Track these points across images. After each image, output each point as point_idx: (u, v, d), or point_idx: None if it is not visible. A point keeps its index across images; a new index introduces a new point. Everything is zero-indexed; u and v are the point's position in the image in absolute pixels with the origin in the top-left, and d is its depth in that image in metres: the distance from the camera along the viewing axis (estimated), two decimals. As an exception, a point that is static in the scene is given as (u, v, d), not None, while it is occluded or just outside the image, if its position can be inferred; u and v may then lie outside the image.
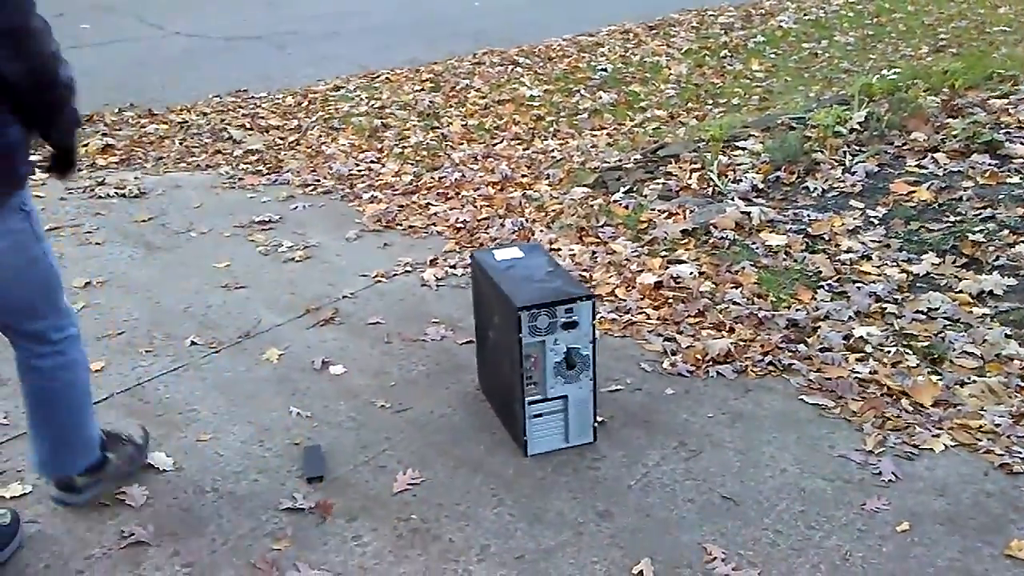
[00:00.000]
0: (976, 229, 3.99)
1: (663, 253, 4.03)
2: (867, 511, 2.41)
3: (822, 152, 4.96)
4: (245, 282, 3.93)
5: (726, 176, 4.82)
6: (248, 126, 6.31)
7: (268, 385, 3.11)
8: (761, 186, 4.70)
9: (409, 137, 6.10)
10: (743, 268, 3.83)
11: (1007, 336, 3.23)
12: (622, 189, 4.76)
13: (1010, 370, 3.04)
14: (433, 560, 2.28)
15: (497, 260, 2.82)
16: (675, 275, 3.81)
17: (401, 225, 4.57)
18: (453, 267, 4.03)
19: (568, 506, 2.46)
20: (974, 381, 2.98)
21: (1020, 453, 2.63)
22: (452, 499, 2.50)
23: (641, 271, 3.88)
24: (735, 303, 3.57)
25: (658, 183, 4.79)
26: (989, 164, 4.71)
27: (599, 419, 2.73)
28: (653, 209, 4.47)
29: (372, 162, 5.60)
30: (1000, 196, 4.33)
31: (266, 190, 5.15)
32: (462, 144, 5.98)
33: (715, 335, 3.35)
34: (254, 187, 5.18)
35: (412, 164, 5.52)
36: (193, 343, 3.39)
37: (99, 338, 3.42)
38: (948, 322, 3.35)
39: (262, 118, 6.51)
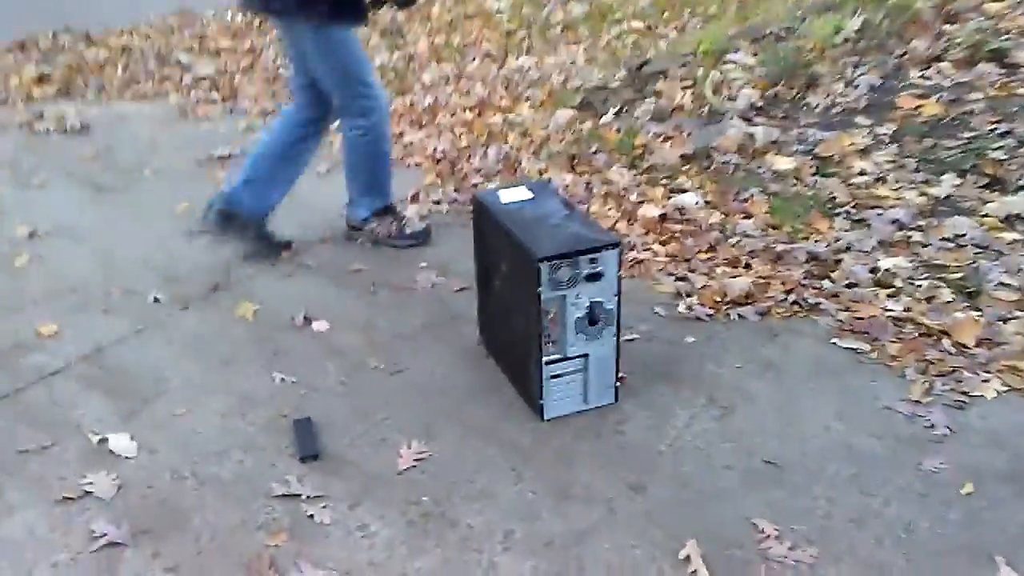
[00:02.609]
0: (995, 146, 3.73)
1: (663, 181, 3.73)
2: (925, 471, 2.19)
3: (821, 64, 4.64)
4: (208, 226, 3.56)
5: (721, 93, 4.49)
6: (196, 49, 5.81)
7: (245, 346, 2.79)
8: (760, 103, 4.38)
9: (373, 58, 5.64)
10: (751, 196, 3.55)
11: (1043, 263, 3.01)
12: (611, 111, 4.42)
13: (1052, 302, 2.82)
14: (452, 550, 2.02)
15: (504, 202, 2.50)
16: (680, 206, 3.52)
17: (375, 156, 4.19)
18: (437, 203, 3.70)
19: (596, 478, 2.21)
20: (1017, 317, 2.75)
21: (1076, 397, 2.42)
22: (465, 475, 2.23)
23: (642, 202, 3.58)
24: (748, 235, 3.30)
25: (649, 103, 4.45)
26: (998, 74, 4.43)
27: (620, 376, 2.46)
28: (647, 132, 4.14)
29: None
30: (1014, 109, 4.07)
31: (223, 120, 4.72)
32: (431, 64, 5.56)
33: (731, 273, 3.08)
34: (209, 117, 4.75)
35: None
36: (156, 300, 3.05)
37: (48, 297, 3.06)
38: (978, 250, 3.11)
39: (211, 40, 6.00)
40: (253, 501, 2.16)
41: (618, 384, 2.45)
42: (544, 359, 2.33)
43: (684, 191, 3.63)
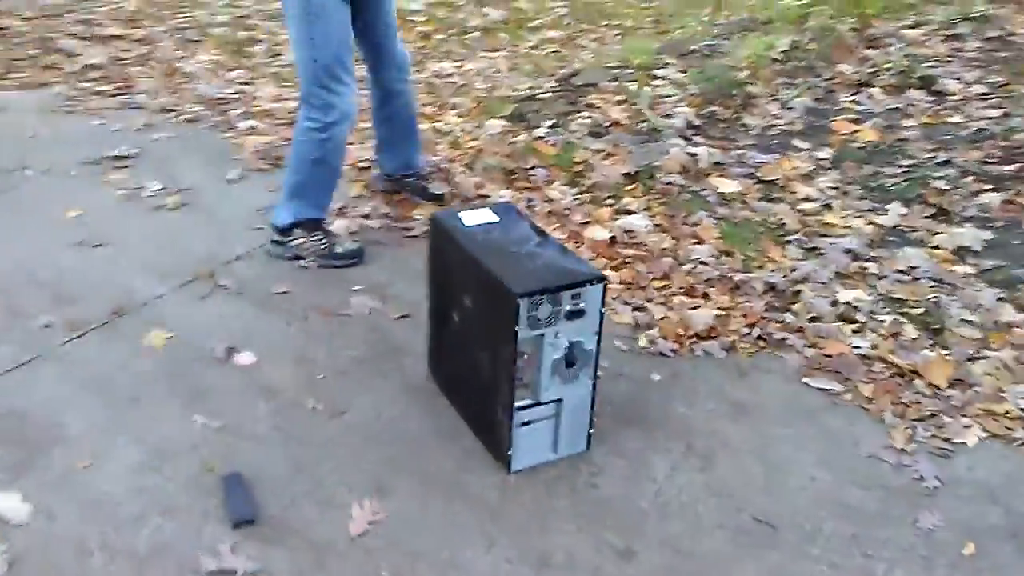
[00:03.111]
0: (936, 175, 3.70)
1: (608, 201, 3.53)
2: (923, 530, 2.04)
3: (755, 85, 4.55)
4: (105, 238, 3.15)
5: (656, 110, 4.34)
6: (83, 36, 5.28)
7: (157, 383, 2.42)
8: (697, 122, 4.25)
9: (282, 54, 5.26)
10: (700, 220, 3.39)
11: (1000, 299, 2.95)
12: (545, 123, 4.20)
13: (1014, 340, 2.75)
14: (422, 635, 1.74)
15: (467, 226, 2.23)
16: (628, 228, 3.32)
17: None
18: (367, 217, 3.39)
19: (577, 543, 1.97)
20: (985, 356, 2.67)
21: (1056, 444, 2.33)
22: (429, 541, 1.95)
23: (588, 223, 3.37)
24: (702, 263, 3.13)
25: (585, 117, 4.25)
26: (927, 101, 4.45)
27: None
28: (586, 148, 3.94)
29: (243, 83, 4.78)
30: (948, 137, 4.07)
31: (116, 115, 4.26)
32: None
33: (689, 303, 2.90)
34: (100, 112, 4.28)
35: (292, 87, 4.72)
36: (47, 325, 2.63)
37: (-86, 320, 2.61)
38: (933, 283, 3.04)
39: (99, 25, 5.47)
40: (179, 578, 1.82)
41: (592, 432, 2.22)
42: (515, 404, 2.07)
43: (630, 212, 3.43)
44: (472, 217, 2.28)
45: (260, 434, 2.24)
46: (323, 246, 3.03)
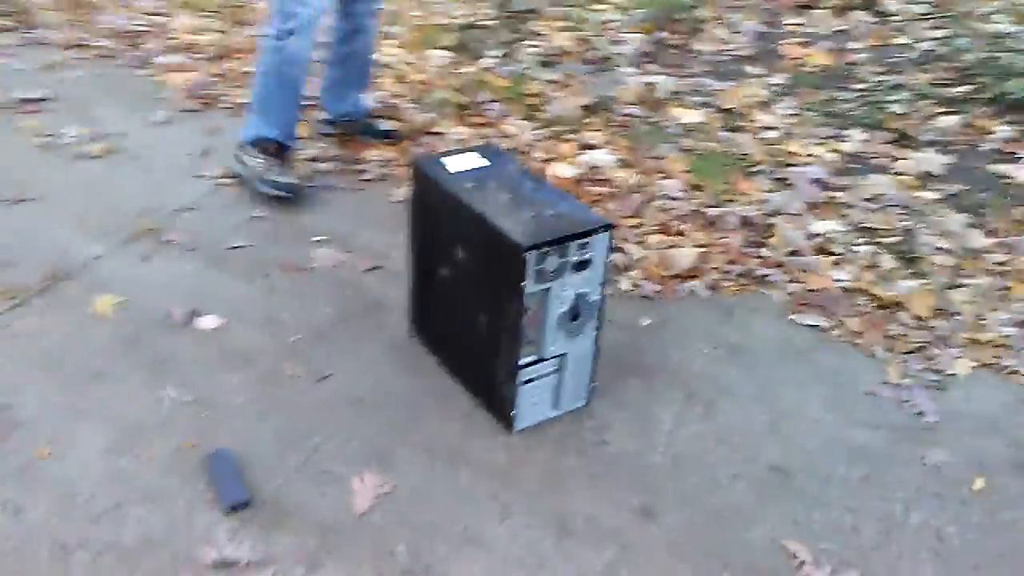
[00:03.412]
0: (891, 99, 3.67)
1: (568, 136, 3.38)
2: (931, 467, 2.03)
3: (702, 8, 4.43)
4: (30, 192, 2.86)
5: (603, 36, 4.18)
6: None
7: (113, 355, 2.21)
8: (647, 49, 4.12)
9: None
10: (665, 154, 3.28)
11: (968, 225, 2.95)
12: (492, 53, 3.99)
13: (987, 266, 2.76)
14: (449, 617, 1.64)
15: (454, 172, 2.07)
16: (593, 164, 3.19)
17: (224, 102, 3.56)
18: (314, 160, 3.16)
19: (594, 504, 1.88)
20: (962, 284, 2.67)
21: (1043, 370, 2.35)
22: (442, 513, 1.83)
23: (551, 159, 3.23)
24: (673, 198, 3.03)
25: (532, 46, 4.07)
26: (871, 23, 4.42)
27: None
28: (537, 79, 3.77)
29: (155, 14, 4.40)
30: (896, 59, 4.05)
31: (19, 53, 3.88)
32: (263, -10, 4.85)
33: (665, 241, 2.81)
34: (2, 49, 3.88)
35: (210, 17, 4.38)
36: (-22, 295, 2.38)
37: None
38: (902, 210, 3.02)
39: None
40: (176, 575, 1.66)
41: (595, 384, 2.12)
42: (519, 362, 1.95)
43: (593, 147, 3.30)
44: (458, 162, 2.11)
45: (238, 406, 2.07)
46: (260, 168, 2.86)
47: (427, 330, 2.27)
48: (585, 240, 1.89)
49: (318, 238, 2.71)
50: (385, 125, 3.29)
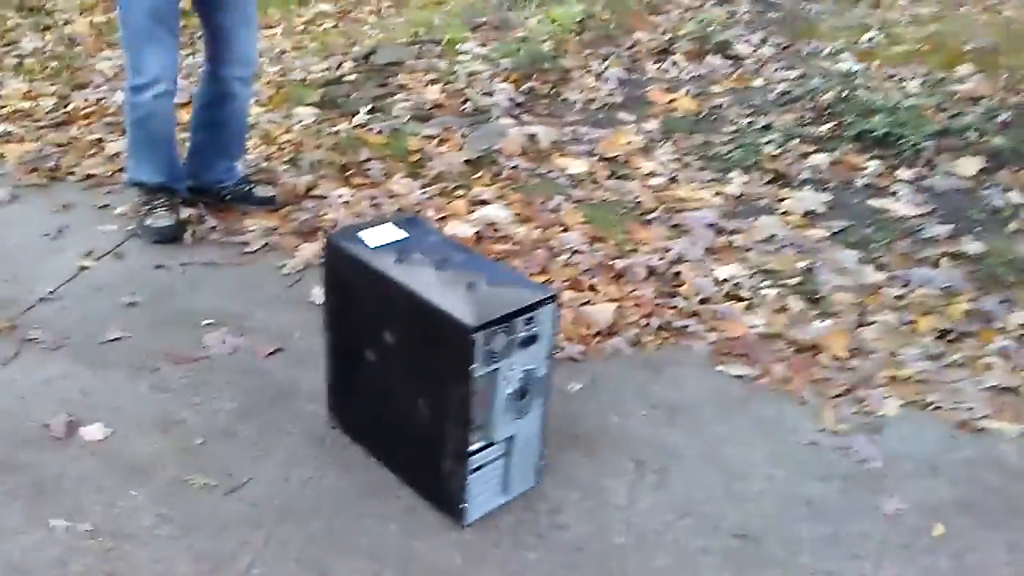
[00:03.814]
0: (763, 140, 3.76)
1: (458, 192, 3.25)
2: (890, 517, 2.00)
3: (565, 58, 4.42)
4: None
5: (472, 88, 4.10)
6: None
7: (-16, 482, 1.87)
8: (519, 99, 4.06)
9: (20, 42, 4.45)
10: (560, 205, 3.21)
11: (860, 260, 3.02)
12: (362, 109, 3.82)
13: (886, 301, 2.81)
14: None
15: (374, 247, 1.89)
16: (489, 221, 3.07)
17: (74, 174, 3.23)
18: (192, 234, 2.88)
19: (566, 601, 1.72)
20: (870, 322, 2.70)
21: (962, 402, 2.39)
22: (401, 633, 1.63)
23: (445, 218, 3.08)
24: (577, 251, 2.95)
25: (403, 100, 3.93)
26: (728, 67, 4.55)
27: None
28: (415, 134, 3.62)
29: (-21, 80, 3.97)
30: (758, 102, 4.16)
31: None
32: (102, 51, 4.50)
33: (578, 298, 2.72)
34: None
35: (46, 81, 3.99)
36: None
37: None
38: (797, 250, 3.06)
39: None
40: None
41: (543, 463, 1.97)
42: (468, 450, 1.78)
43: (486, 203, 3.18)
44: (376, 236, 1.93)
45: (145, 530, 1.79)
46: (141, 213, 2.84)
47: (351, 418, 2.07)
48: (531, 315, 1.75)
49: (207, 321, 2.45)
50: (264, 191, 3.05)
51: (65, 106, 3.73)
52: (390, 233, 1.95)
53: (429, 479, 1.88)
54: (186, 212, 2.92)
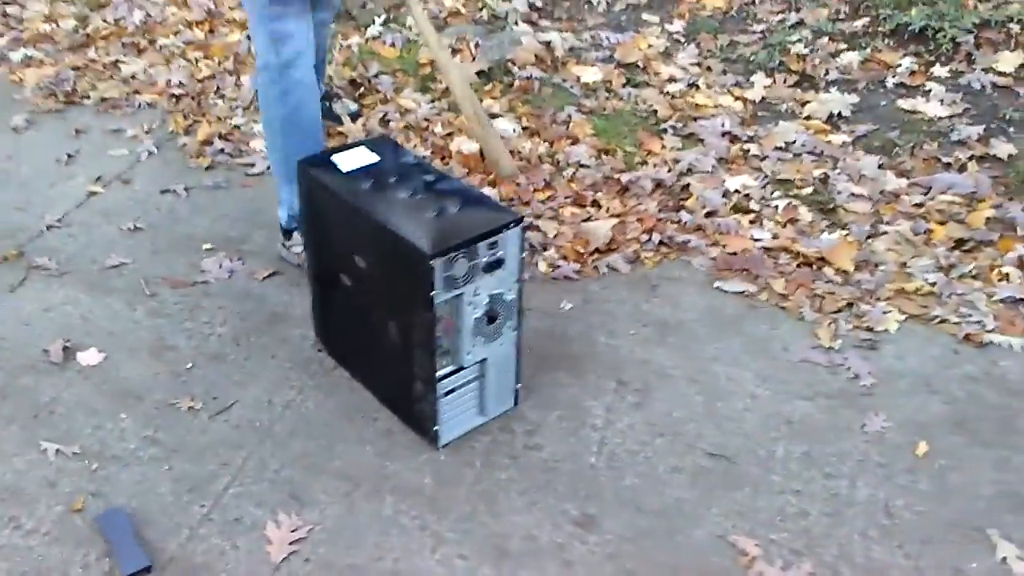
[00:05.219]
0: (792, 39, 3.58)
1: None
2: (872, 435, 1.97)
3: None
4: None
5: (492, -8, 3.98)
6: None
7: (-16, 406, 1.98)
8: (540, 4, 3.93)
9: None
10: (570, 117, 3.13)
11: (881, 166, 2.89)
12: (376, 20, 3.75)
13: (905, 209, 2.70)
14: (386, 670, 1.50)
15: (345, 171, 1.88)
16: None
17: (89, 97, 3.27)
18: (197, 155, 2.92)
19: (532, 519, 1.76)
20: (883, 232, 2.61)
21: (970, 315, 2.31)
22: (368, 551, 1.68)
23: (451, 134, 3.04)
24: (583, 165, 2.89)
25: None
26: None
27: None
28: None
29: (6, 3, 4.01)
30: (794, -3, 3.95)
31: None
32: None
33: (580, 214, 2.68)
34: None
35: (66, 2, 4.01)
36: None
37: None
38: (815, 157, 2.94)
39: None
40: (74, 663, 1.48)
41: (519, 386, 1.98)
42: (436, 374, 1.80)
43: (495, 116, 3.13)
44: (348, 159, 1.92)
45: (131, 452, 1.87)
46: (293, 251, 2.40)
47: (334, 342, 2.10)
48: (495, 239, 1.73)
49: (207, 246, 2.49)
50: (344, 107, 3.00)
51: (84, 26, 3.76)
52: (362, 157, 1.94)
53: (403, 402, 1.91)
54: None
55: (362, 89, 3.27)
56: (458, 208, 1.78)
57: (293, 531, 1.70)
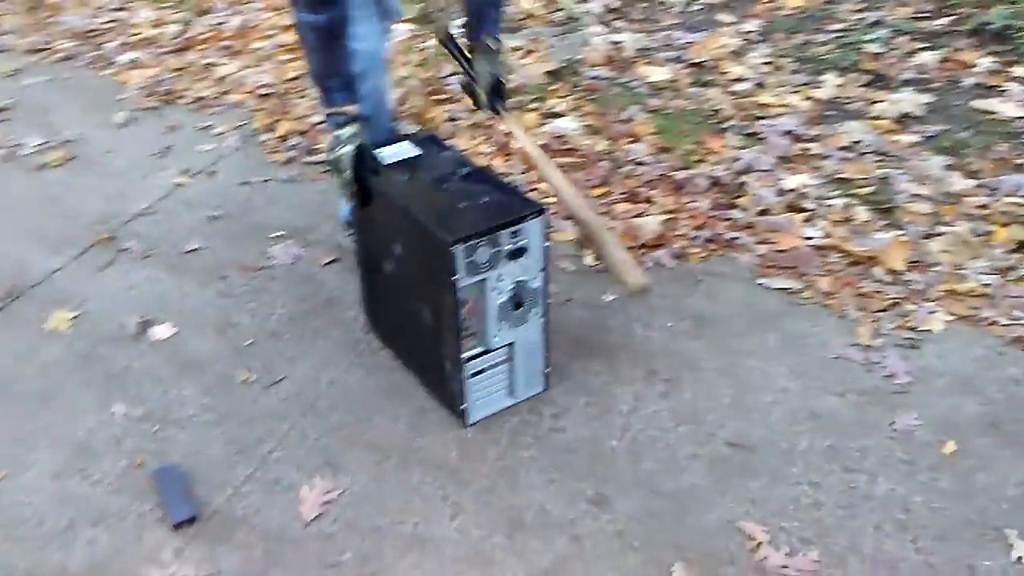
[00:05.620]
0: (868, 38, 3.54)
1: (533, 105, 3.30)
2: (900, 432, 1.97)
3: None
4: (-11, 207, 2.85)
5: (570, -5, 4.06)
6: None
7: (67, 372, 2.19)
8: (616, 5, 4.00)
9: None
10: (633, 116, 3.19)
11: (948, 167, 2.84)
12: (456, 22, 3.88)
13: (967, 210, 2.65)
14: (395, 624, 1.61)
15: (386, 163, 2.01)
16: (558, 133, 3.11)
17: (184, 97, 3.52)
18: (275, 151, 3.11)
19: (548, 496, 1.84)
20: (940, 232, 2.57)
21: (1022, 318, 2.26)
22: (390, 516, 1.80)
23: (511, 133, 3.13)
24: (641, 163, 2.95)
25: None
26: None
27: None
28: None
29: (116, 9, 4.34)
30: (876, -4, 3.90)
31: (-20, 62, 3.84)
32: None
33: (633, 210, 2.74)
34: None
35: (172, 8, 4.31)
36: (-68, 320, 2.37)
37: None
38: (879, 157, 2.92)
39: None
40: (120, 599, 1.66)
41: (548, 371, 2.07)
42: (463, 355, 1.91)
43: (559, 115, 3.22)
44: (390, 153, 2.05)
45: (188, 417, 2.05)
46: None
47: (379, 324, 2.24)
48: (517, 228, 1.83)
49: (277, 234, 2.67)
50: None
51: (187, 32, 4.03)
52: (404, 150, 2.06)
53: (436, 381, 2.03)
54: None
55: (431, 88, 3.40)
56: (486, 199, 1.88)
57: (325, 494, 1.84)
